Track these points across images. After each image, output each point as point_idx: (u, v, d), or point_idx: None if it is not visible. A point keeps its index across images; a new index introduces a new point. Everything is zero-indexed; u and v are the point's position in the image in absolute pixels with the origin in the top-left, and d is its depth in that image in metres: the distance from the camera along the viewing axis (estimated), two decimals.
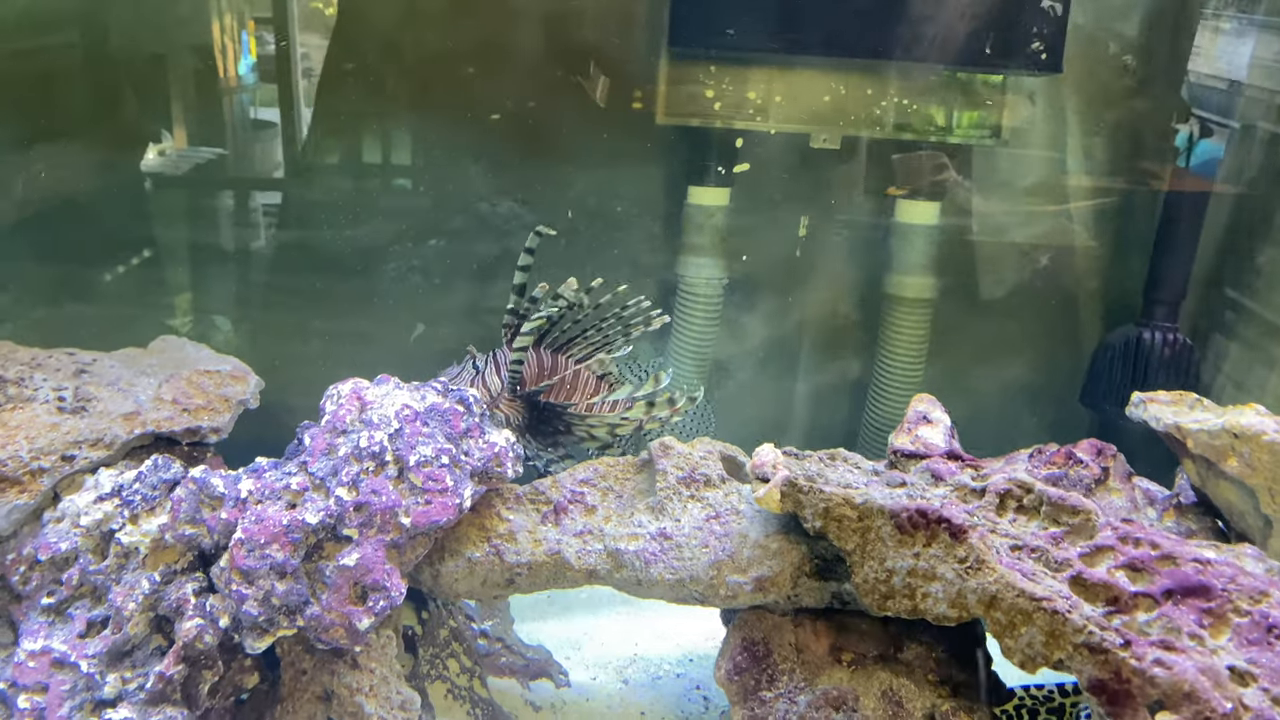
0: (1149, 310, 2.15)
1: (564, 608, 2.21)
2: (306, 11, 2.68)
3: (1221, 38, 2.00)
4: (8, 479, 1.45)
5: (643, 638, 2.10)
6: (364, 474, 1.48)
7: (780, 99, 2.11)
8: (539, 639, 1.95)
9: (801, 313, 2.33)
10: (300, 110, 2.66)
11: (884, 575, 1.37)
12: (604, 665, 2.00)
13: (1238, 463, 1.55)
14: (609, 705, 1.88)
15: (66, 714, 1.44)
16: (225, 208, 2.64)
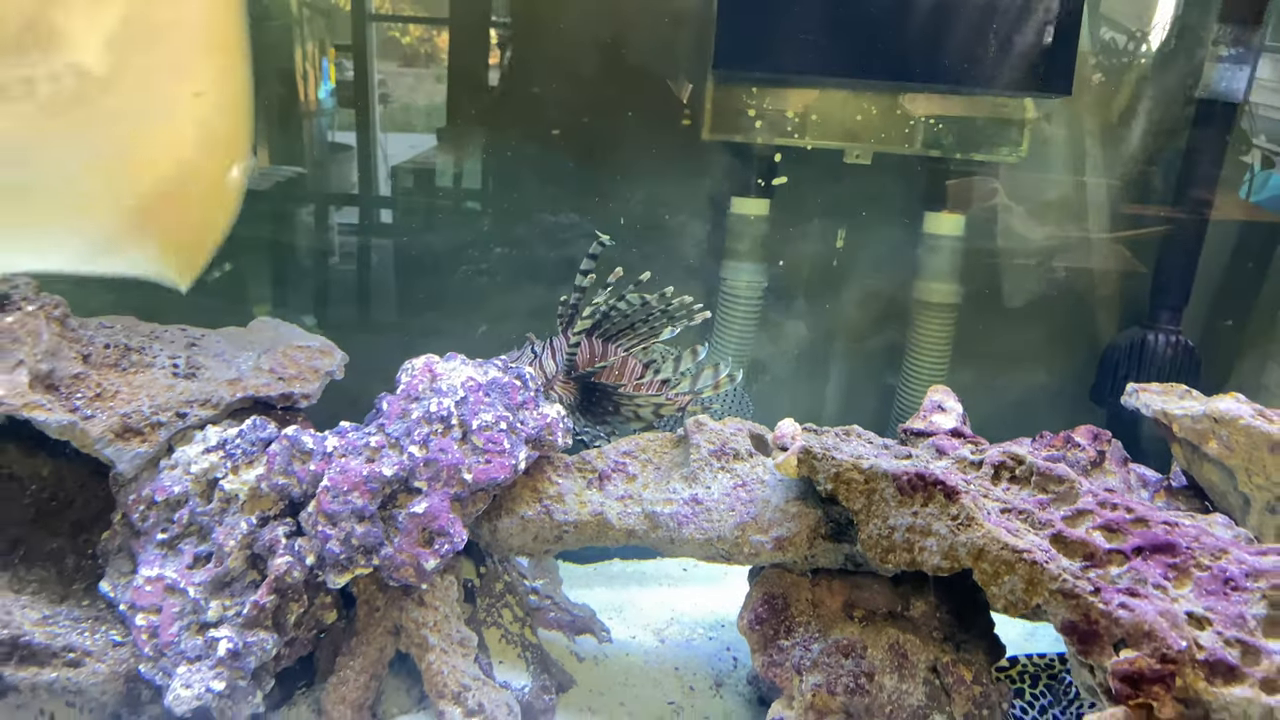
0: (1154, 314, 2.27)
1: (608, 579, 2.39)
2: (384, 40, 2.91)
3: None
4: (132, 429, 1.67)
5: (680, 607, 2.26)
6: (433, 435, 1.67)
7: (816, 117, 2.28)
8: (584, 602, 2.13)
9: (835, 315, 2.49)
10: (375, 132, 2.89)
11: (886, 532, 1.52)
12: (643, 627, 2.16)
13: (1217, 445, 1.68)
14: (646, 660, 2.05)
15: (176, 632, 1.65)
16: (305, 219, 2.87)
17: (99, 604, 1.74)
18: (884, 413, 2.50)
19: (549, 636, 2.02)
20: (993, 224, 2.36)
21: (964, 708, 1.66)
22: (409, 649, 1.72)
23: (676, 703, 1.95)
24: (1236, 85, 2.11)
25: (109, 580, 1.72)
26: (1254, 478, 1.67)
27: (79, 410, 1.65)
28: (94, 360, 1.75)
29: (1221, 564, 1.41)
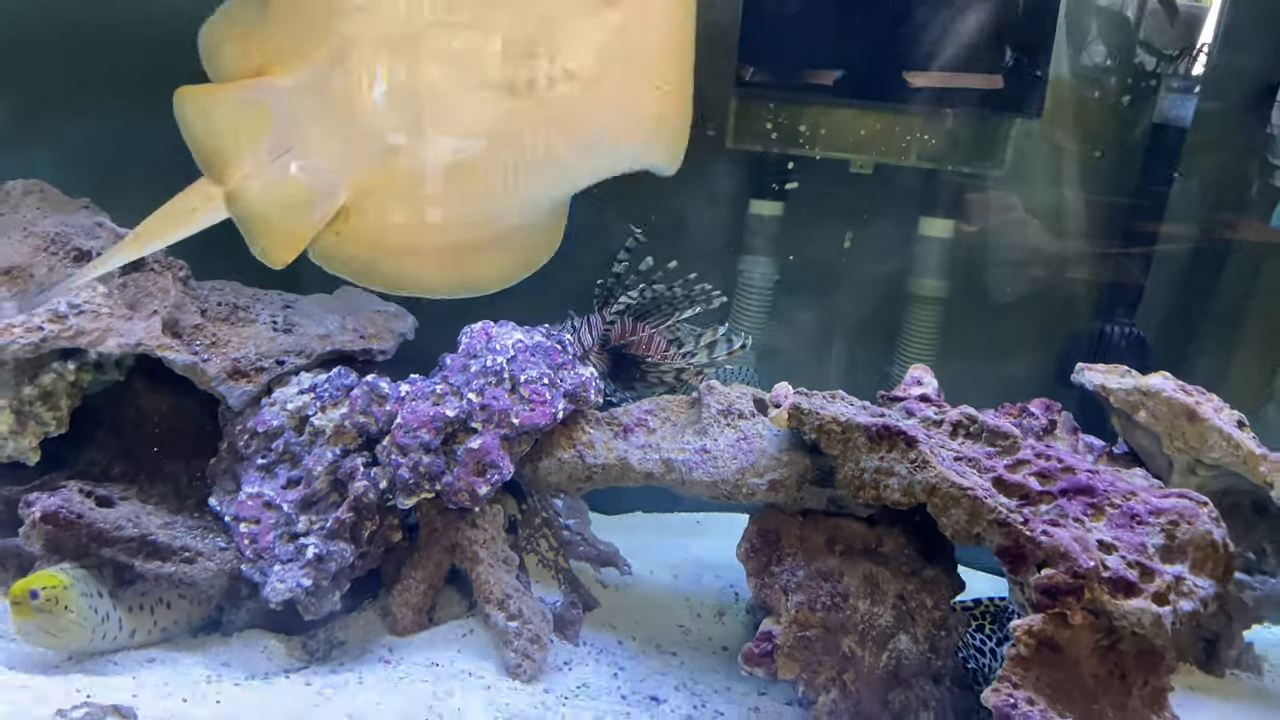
0: (1111, 309, 2.54)
1: (631, 528, 2.69)
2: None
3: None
4: (240, 372, 2.00)
5: (693, 552, 2.57)
6: (488, 385, 1.99)
7: (825, 131, 2.58)
8: (610, 541, 2.44)
9: (838, 305, 2.79)
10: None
11: (858, 473, 1.81)
12: (660, 565, 2.47)
13: (1145, 414, 1.95)
14: (661, 592, 2.35)
15: (272, 540, 1.97)
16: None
17: (207, 517, 2.07)
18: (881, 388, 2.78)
19: (578, 567, 2.32)
20: (979, 229, 2.64)
21: (925, 628, 1.95)
22: (462, 563, 2.03)
23: (685, 625, 2.26)
24: (1184, 113, 2.38)
25: (216, 497, 2.05)
26: (1175, 442, 1.94)
27: (198, 354, 1.98)
28: (210, 315, 2.08)
29: (1130, 504, 1.69)
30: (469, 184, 1.71)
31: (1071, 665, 1.63)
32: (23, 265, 1.97)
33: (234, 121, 1.66)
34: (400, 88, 1.59)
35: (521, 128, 1.64)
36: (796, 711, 1.96)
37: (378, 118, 1.63)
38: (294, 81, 1.60)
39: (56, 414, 2.01)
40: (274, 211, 1.74)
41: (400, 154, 1.65)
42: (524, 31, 1.54)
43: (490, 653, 1.97)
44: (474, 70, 1.57)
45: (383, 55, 1.57)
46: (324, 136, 1.66)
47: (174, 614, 2.00)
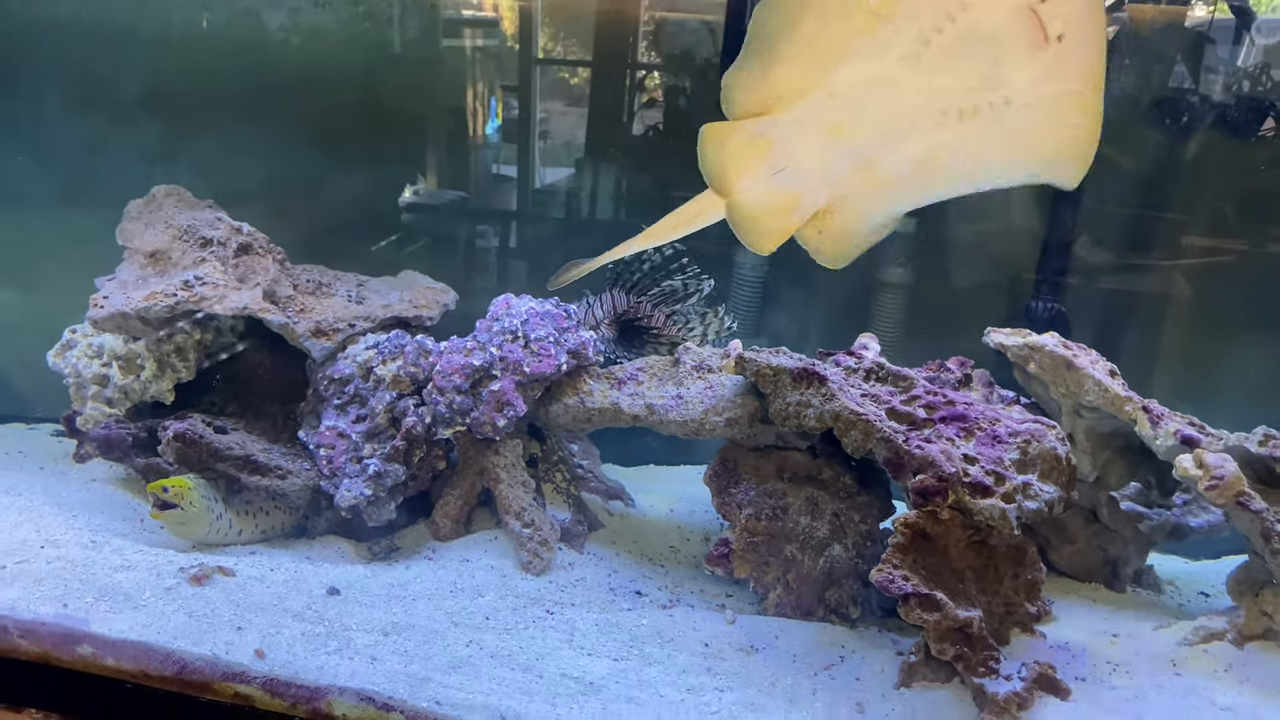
0: (1037, 288, 2.87)
1: (641, 475, 3.11)
2: (552, 82, 3.68)
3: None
4: (322, 331, 2.52)
5: (689, 493, 2.97)
6: (505, 341, 2.46)
7: None
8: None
9: (817, 291, 3.18)
10: (534, 163, 3.68)
11: (784, 405, 2.21)
12: (660, 502, 2.89)
13: (1034, 365, 2.31)
14: (658, 519, 2.77)
15: (343, 461, 2.47)
16: (463, 236, 3.70)
17: (295, 447, 2.57)
18: None
19: (588, 498, 2.77)
20: (938, 220, 3.01)
21: (854, 539, 2.33)
22: (488, 483, 2.50)
23: (675, 546, 2.68)
24: None
25: (303, 430, 2.56)
26: (1059, 389, 2.29)
27: (290, 317, 2.51)
28: (299, 289, 2.62)
29: (994, 427, 2.06)
30: (916, 191, 2.11)
31: (942, 552, 2.00)
32: (164, 250, 2.54)
33: (741, 149, 2.10)
34: (876, 118, 2.01)
35: (963, 145, 1.99)
36: (754, 609, 2.36)
37: (857, 141, 2.04)
38: (791, 117, 2.03)
39: (186, 364, 2.56)
40: (764, 215, 2.19)
41: (871, 168, 2.06)
42: (979, 70, 1.90)
43: (510, 554, 2.43)
44: (936, 102, 1.95)
45: (865, 93, 1.99)
46: (812, 156, 2.08)
47: (271, 520, 2.51)
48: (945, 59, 1.90)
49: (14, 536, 2.21)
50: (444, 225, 3.76)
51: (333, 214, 3.48)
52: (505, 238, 3.81)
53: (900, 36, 1.89)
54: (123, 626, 1.97)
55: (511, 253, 3.73)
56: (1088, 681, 2.04)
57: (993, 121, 1.93)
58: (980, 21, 1.85)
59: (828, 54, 1.95)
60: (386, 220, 3.58)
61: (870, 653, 2.17)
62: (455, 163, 3.79)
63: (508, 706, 1.88)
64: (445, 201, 3.79)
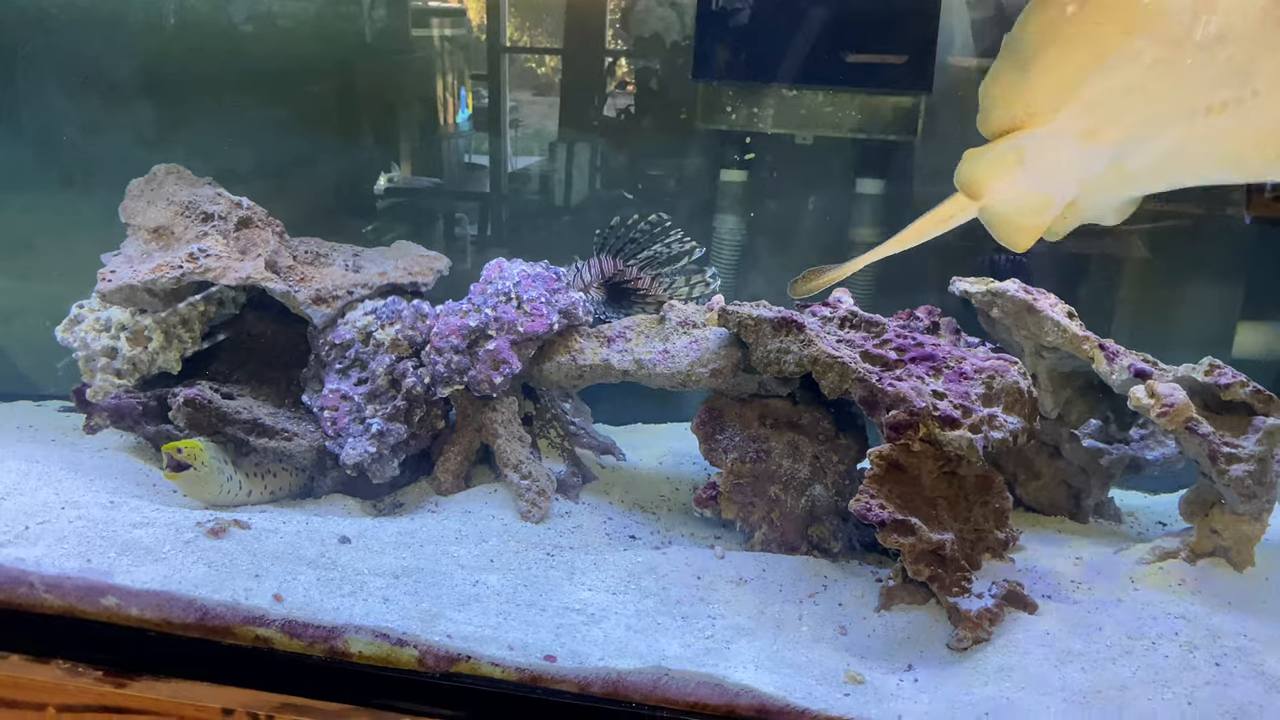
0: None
1: (630, 432, 3.22)
2: (520, 72, 3.74)
3: None
4: (322, 299, 2.59)
5: (677, 448, 3.08)
6: (500, 302, 2.54)
7: (772, 111, 3.09)
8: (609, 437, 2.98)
9: (792, 253, 3.29)
10: (506, 153, 3.74)
11: (765, 353, 2.31)
12: (650, 456, 2.99)
13: (997, 310, 2.42)
14: (648, 471, 2.87)
15: (347, 422, 2.55)
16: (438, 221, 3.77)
17: (300, 411, 2.65)
18: None
19: (581, 453, 2.86)
20: (903, 186, 3.13)
21: (834, 479, 2.44)
22: (487, 439, 2.59)
23: (665, 495, 2.78)
24: None
25: (307, 394, 2.64)
26: (1020, 331, 2.40)
27: (291, 286, 2.58)
28: (299, 259, 2.69)
29: (961, 365, 2.17)
30: (1162, 180, 2.18)
31: (914, 482, 2.11)
32: (166, 225, 2.60)
33: (995, 161, 2.17)
34: (1128, 123, 2.06)
35: (1212, 138, 2.02)
36: (742, 548, 2.46)
37: (1109, 145, 2.09)
38: (1045, 130, 2.09)
39: (192, 335, 2.63)
40: (1019, 215, 2.26)
41: (1121, 164, 2.12)
42: (1230, 66, 1.92)
43: (510, 504, 2.52)
44: (1187, 101, 1.98)
45: (1117, 101, 2.03)
46: (1065, 162, 2.15)
47: (279, 481, 2.59)
48: (1197, 60, 1.92)
49: (35, 499, 2.27)
50: (419, 211, 3.82)
51: (309, 200, 3.53)
52: (481, 222, 3.87)
53: (1152, 45, 1.93)
54: (145, 578, 2.05)
55: (488, 239, 3.79)
56: (1053, 598, 2.16)
57: (1241, 113, 1.95)
58: (1232, 21, 1.88)
59: (1080, 70, 2.00)
60: (363, 207, 3.64)
61: (850, 581, 2.28)
62: (429, 151, 3.84)
63: (515, 638, 1.98)
64: (420, 188, 3.85)
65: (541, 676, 1.92)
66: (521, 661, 1.92)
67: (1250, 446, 2.10)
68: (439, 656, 1.94)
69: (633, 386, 2.61)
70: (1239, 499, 2.11)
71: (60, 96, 3.23)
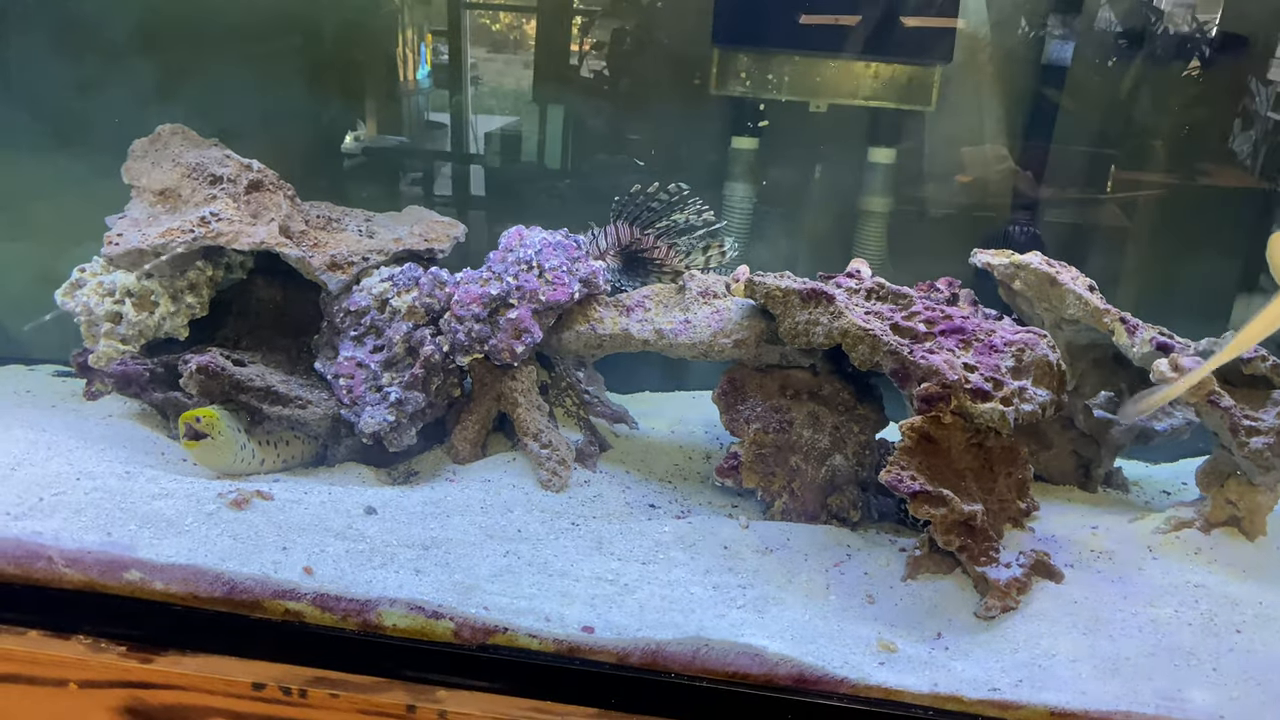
0: (1014, 214, 3.01)
1: (640, 401, 3.21)
2: (475, 27, 3.63)
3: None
4: (337, 265, 2.54)
5: (688, 416, 3.08)
6: (521, 271, 2.51)
7: (787, 78, 3.06)
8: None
9: (802, 221, 3.29)
10: (467, 110, 3.63)
11: (793, 324, 2.31)
12: (662, 424, 2.97)
13: (1019, 283, 2.44)
14: (661, 440, 2.86)
15: (363, 390, 2.51)
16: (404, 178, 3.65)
17: (312, 378, 2.60)
18: None
19: (595, 422, 2.85)
20: (915, 155, 3.12)
21: (854, 449, 2.46)
22: (505, 408, 2.56)
23: (679, 464, 2.77)
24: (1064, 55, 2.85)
25: (320, 362, 2.59)
26: (1042, 304, 2.42)
27: (305, 251, 2.53)
28: (311, 224, 2.63)
29: (991, 338, 2.19)
30: None
31: (944, 454, 2.13)
32: (173, 187, 2.52)
33: None
34: None
35: None
36: (760, 517, 2.47)
37: None
38: None
39: (200, 300, 2.56)
40: None
41: None
42: None
43: (529, 474, 2.50)
44: None
45: None
46: None
47: (292, 449, 2.55)
48: None
49: (47, 469, 2.22)
50: (389, 169, 3.71)
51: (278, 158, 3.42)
52: (461, 181, 3.76)
53: None
54: (169, 551, 2.01)
55: (507, 207, 3.70)
56: (1075, 567, 2.20)
57: None
58: None
59: None
60: (334, 165, 3.54)
61: (874, 550, 2.30)
62: (392, 108, 3.72)
63: (551, 609, 1.97)
64: (388, 146, 3.74)
65: (579, 647, 1.92)
66: (559, 633, 1.92)
67: (1270, 420, 2.14)
68: (475, 629, 1.93)
69: (639, 355, 2.60)
70: (1257, 470, 2.16)
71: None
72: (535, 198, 3.54)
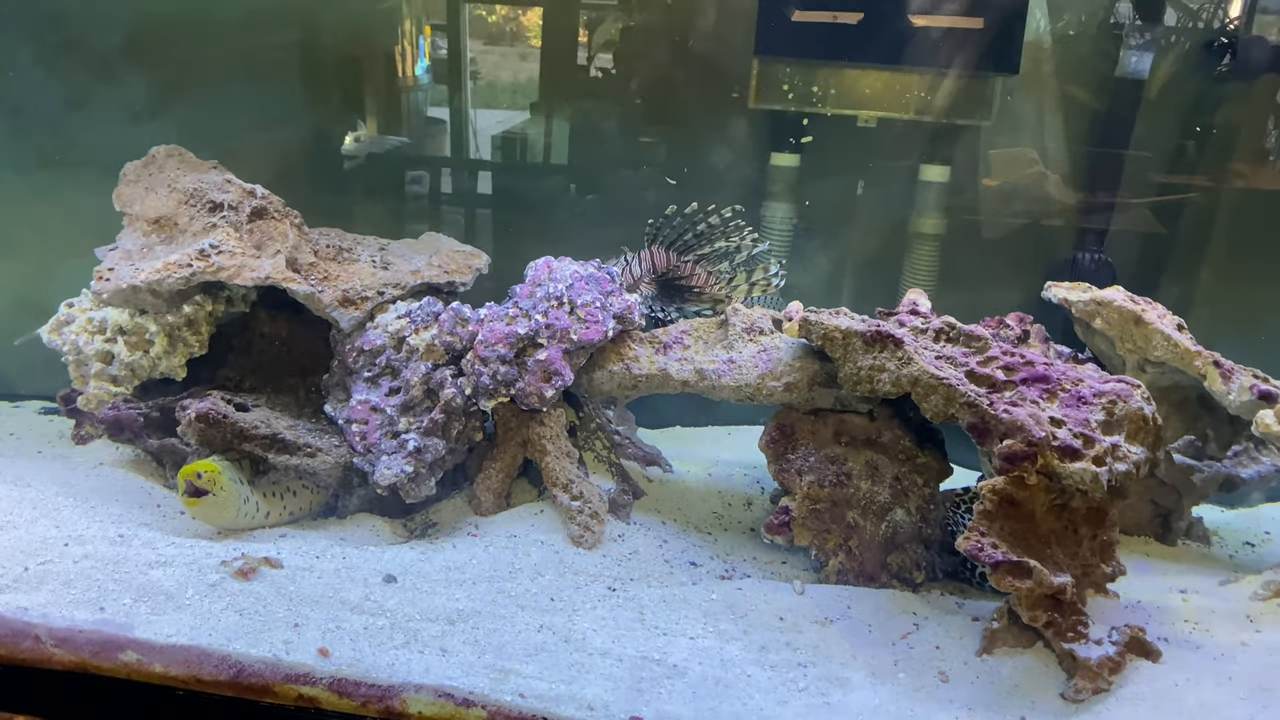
0: (1082, 238, 2.84)
1: (671, 438, 3.04)
2: (473, 19, 3.41)
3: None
4: (350, 300, 2.37)
5: (724, 456, 2.91)
6: (551, 308, 2.34)
7: (834, 91, 2.88)
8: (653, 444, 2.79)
9: (849, 243, 3.10)
10: (467, 105, 3.43)
11: (855, 370, 2.14)
12: (697, 466, 2.81)
13: (1100, 321, 2.26)
14: (697, 484, 2.70)
15: (378, 437, 2.34)
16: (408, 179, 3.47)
17: (321, 421, 2.43)
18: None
19: (627, 465, 2.67)
20: (972, 174, 2.94)
21: (917, 503, 2.29)
22: (533, 455, 2.39)
23: (718, 512, 2.61)
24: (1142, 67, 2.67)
25: (330, 404, 2.42)
26: (1125, 344, 2.25)
27: (315, 286, 2.35)
28: (321, 255, 2.45)
29: (1078, 388, 2.01)
30: None
31: (1028, 518, 1.96)
32: (169, 215, 2.35)
33: None
34: None
35: None
36: (812, 575, 2.30)
37: None
38: None
39: (198, 338, 2.39)
40: None
41: None
42: None
43: (558, 527, 2.33)
44: None
45: None
46: None
47: (299, 500, 2.37)
48: None
49: (33, 533, 2.04)
50: (390, 173, 3.50)
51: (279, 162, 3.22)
52: (519, 207, 3.55)
53: None
54: (168, 629, 1.84)
55: (528, 228, 3.49)
56: (1171, 642, 2.02)
57: None
58: None
59: None
60: (334, 168, 3.33)
61: (943, 619, 2.13)
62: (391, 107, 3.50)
63: (595, 695, 1.80)
64: (387, 148, 3.53)
65: None
66: None
67: None
68: (511, 718, 1.76)
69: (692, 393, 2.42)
70: None
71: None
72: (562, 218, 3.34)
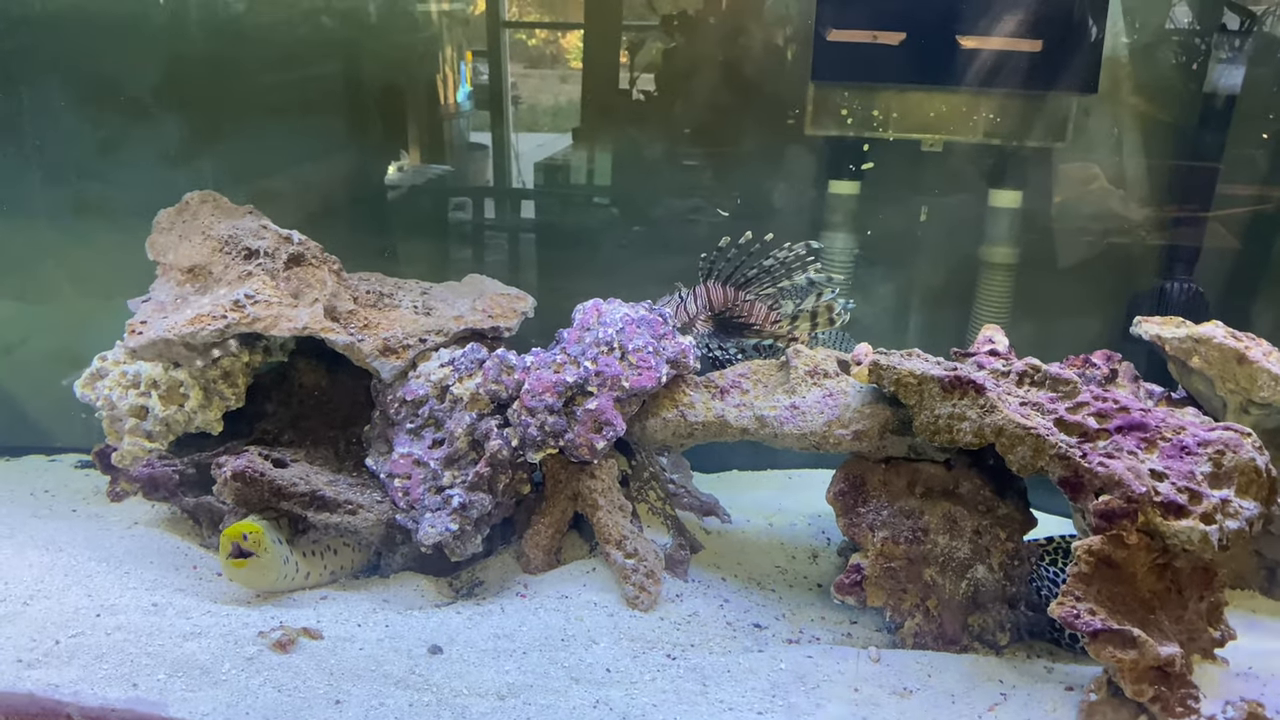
0: (1170, 267, 2.68)
1: (729, 483, 2.93)
2: (514, 43, 3.35)
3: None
4: (390, 349, 2.30)
5: (785, 504, 2.79)
6: (601, 353, 2.25)
7: (896, 114, 2.77)
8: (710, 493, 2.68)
9: (914, 275, 2.98)
10: (509, 130, 3.37)
11: (933, 419, 2.02)
12: (756, 514, 2.70)
13: (1198, 359, 2.12)
14: (758, 536, 2.59)
15: (421, 493, 2.26)
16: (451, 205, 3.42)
17: (362, 475, 2.37)
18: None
19: (683, 515, 2.57)
20: (1045, 198, 2.81)
21: (1000, 559, 2.15)
22: (583, 510, 2.29)
23: (782, 566, 2.49)
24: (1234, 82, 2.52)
25: (371, 458, 2.35)
26: (1227, 384, 2.10)
27: (355, 335, 2.28)
28: (360, 301, 2.39)
29: (1180, 437, 1.87)
30: None
31: (1129, 581, 1.82)
32: (203, 264, 2.30)
33: None
34: None
35: None
36: (885, 636, 2.18)
37: None
38: None
39: (235, 390, 2.33)
40: None
41: None
42: None
43: (611, 587, 2.23)
44: None
45: None
46: None
47: (340, 559, 2.30)
48: None
49: (64, 604, 1.99)
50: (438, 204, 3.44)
51: (319, 199, 3.19)
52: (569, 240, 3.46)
53: None
54: (204, 708, 1.77)
55: (584, 263, 3.40)
56: None
57: None
58: None
59: None
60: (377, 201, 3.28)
61: (1033, 688, 1.99)
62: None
63: None
64: (430, 177, 3.48)
65: None
66: None
67: None
68: None
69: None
70: None
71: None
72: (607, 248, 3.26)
